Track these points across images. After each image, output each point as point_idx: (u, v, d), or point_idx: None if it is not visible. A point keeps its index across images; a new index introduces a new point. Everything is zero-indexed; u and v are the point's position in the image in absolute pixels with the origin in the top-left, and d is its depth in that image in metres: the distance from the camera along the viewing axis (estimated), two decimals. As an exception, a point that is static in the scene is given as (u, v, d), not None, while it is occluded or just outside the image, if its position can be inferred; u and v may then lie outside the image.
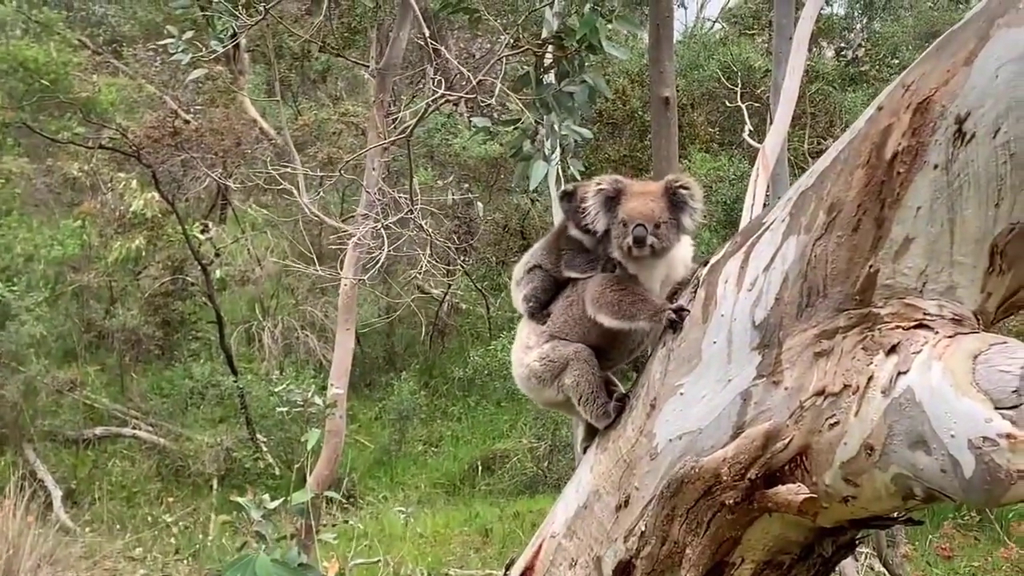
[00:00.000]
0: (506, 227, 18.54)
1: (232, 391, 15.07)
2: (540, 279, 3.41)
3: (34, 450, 14.21)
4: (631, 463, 2.71)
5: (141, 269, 16.95)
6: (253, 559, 3.29)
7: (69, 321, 16.29)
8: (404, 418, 15.49)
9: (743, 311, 2.52)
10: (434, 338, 18.87)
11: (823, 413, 2.36)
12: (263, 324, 17.09)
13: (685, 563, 2.60)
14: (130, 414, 15.88)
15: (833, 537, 2.58)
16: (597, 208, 3.12)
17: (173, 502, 13.80)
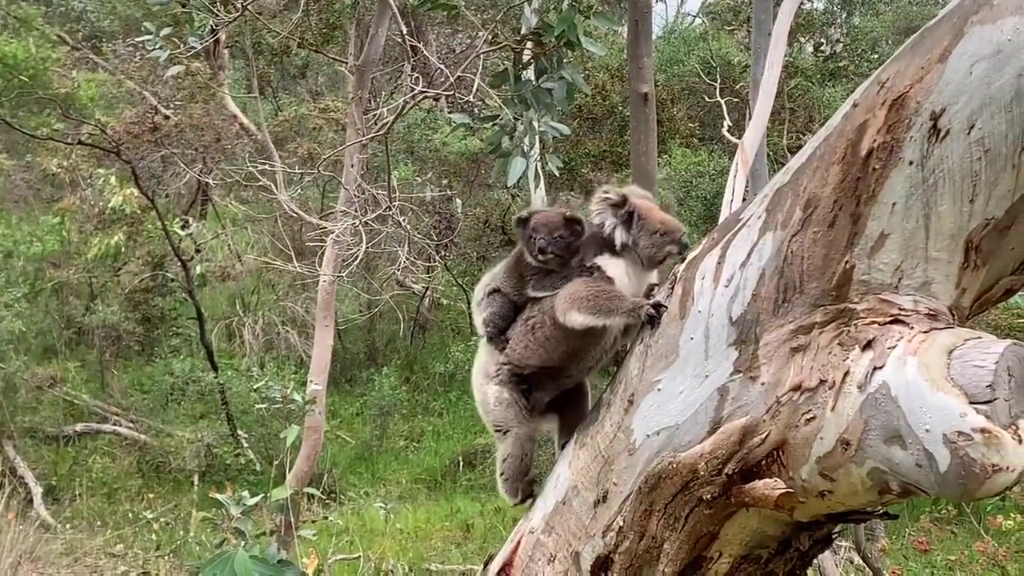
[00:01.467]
0: (487, 222, 18.54)
1: (213, 387, 15.05)
2: (499, 304, 3.38)
3: (14, 447, 14.17)
4: (609, 459, 2.72)
5: (121, 265, 16.90)
6: (232, 556, 3.29)
7: (49, 317, 16.25)
8: (385, 414, 15.49)
9: (720, 307, 2.53)
10: (415, 333, 18.87)
11: (799, 408, 2.37)
12: (244, 320, 17.08)
13: (663, 558, 2.61)
14: (110, 410, 15.85)
15: (810, 531, 2.59)
16: (615, 222, 3.14)
17: (154, 498, 13.78)
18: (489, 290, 3.42)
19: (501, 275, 3.42)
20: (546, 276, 3.29)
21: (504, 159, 4.46)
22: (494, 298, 3.39)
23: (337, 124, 16.77)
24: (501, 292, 3.39)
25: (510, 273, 3.40)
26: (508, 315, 3.36)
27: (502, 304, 3.37)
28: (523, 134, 4.34)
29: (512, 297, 3.37)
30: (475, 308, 3.50)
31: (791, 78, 16.78)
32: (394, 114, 6.38)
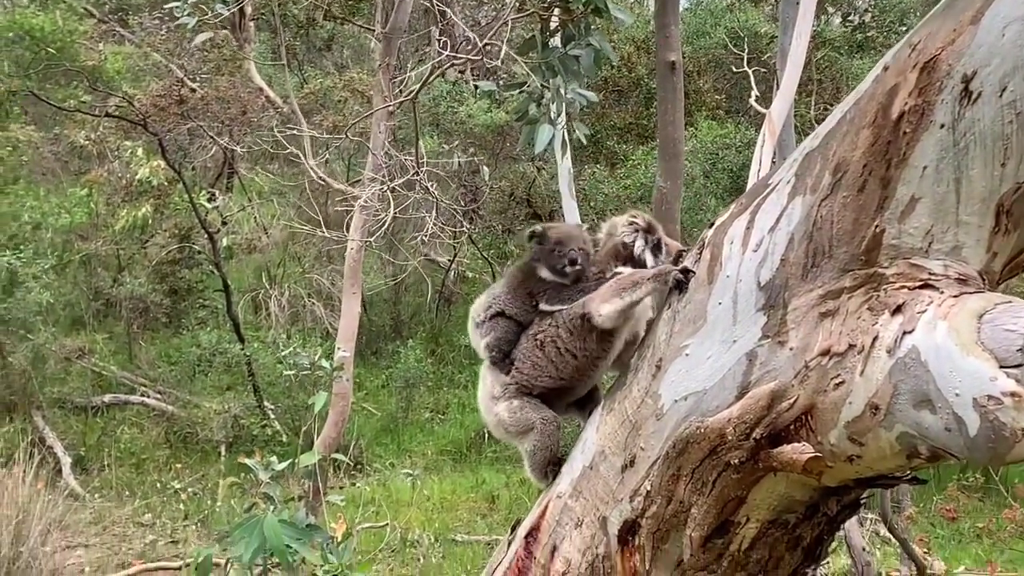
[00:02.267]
0: (512, 195, 18.51)
1: (239, 359, 15.10)
2: (503, 328, 3.40)
3: (43, 417, 14.27)
4: (637, 424, 2.72)
5: (148, 237, 16.95)
6: (261, 519, 3.31)
7: (77, 289, 16.33)
8: (411, 386, 15.51)
9: (748, 272, 2.52)
10: (440, 306, 18.88)
11: (828, 373, 2.37)
12: (270, 292, 17.11)
13: (690, 522, 2.62)
14: (138, 381, 15.93)
15: (838, 496, 2.59)
16: (644, 246, 3.25)
17: (181, 468, 13.86)
18: (492, 313, 3.42)
19: (504, 297, 3.42)
20: (560, 291, 3.32)
21: (531, 127, 4.45)
22: (498, 322, 3.40)
23: (362, 96, 16.75)
24: (506, 315, 3.40)
25: (515, 293, 3.41)
26: (513, 339, 3.38)
27: (507, 328, 3.39)
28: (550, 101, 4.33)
29: (519, 318, 3.39)
30: (473, 329, 3.50)
31: (819, 49, 16.68)
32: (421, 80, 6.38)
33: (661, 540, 2.68)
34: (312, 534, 3.37)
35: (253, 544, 3.25)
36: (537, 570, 2.94)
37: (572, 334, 3.23)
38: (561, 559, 2.88)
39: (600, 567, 2.80)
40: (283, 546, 3.24)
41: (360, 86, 16.87)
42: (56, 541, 9.75)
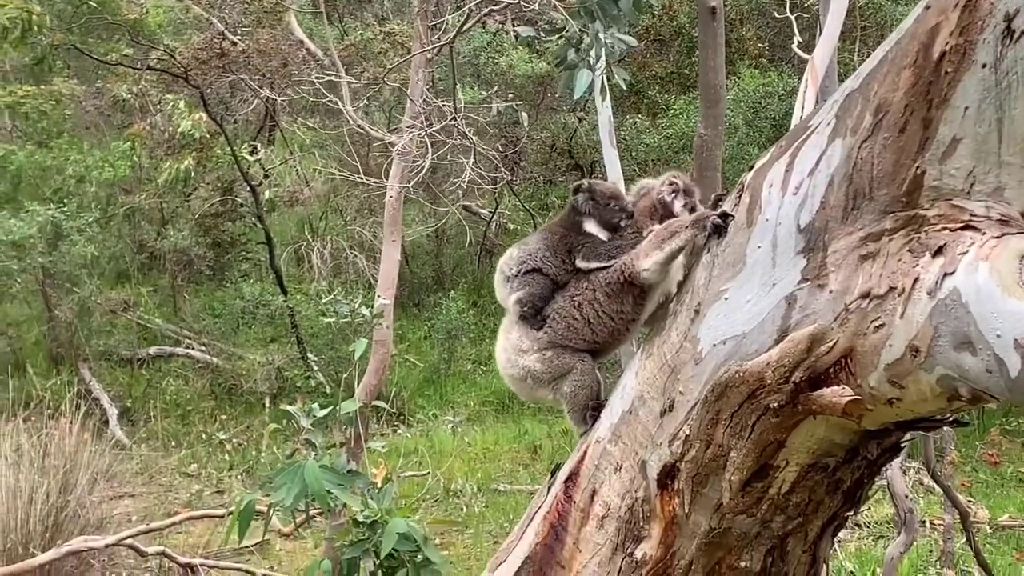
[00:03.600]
0: (553, 146, 18.45)
1: (282, 311, 15.19)
2: (540, 284, 3.39)
3: (89, 369, 14.43)
4: (675, 368, 2.72)
5: (191, 190, 17.04)
6: (302, 465, 3.35)
7: (121, 242, 16.45)
8: (453, 337, 15.56)
9: (788, 215, 2.51)
10: (482, 258, 18.89)
11: (868, 315, 2.36)
12: (312, 244, 17.17)
13: (729, 466, 2.62)
14: (183, 334, 16.06)
15: (878, 439, 2.59)
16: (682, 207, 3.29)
17: (226, 420, 14.00)
18: (527, 269, 3.41)
19: (541, 253, 3.42)
20: (597, 246, 3.33)
21: (570, 72, 4.43)
22: (533, 277, 3.40)
23: (402, 48, 16.70)
24: (542, 272, 3.39)
25: (555, 250, 3.40)
26: (548, 296, 3.38)
27: (543, 284, 3.38)
28: (589, 47, 4.30)
29: (555, 277, 3.38)
30: (501, 284, 3.50)
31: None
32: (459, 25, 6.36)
33: (700, 484, 2.69)
34: (353, 480, 3.41)
35: (295, 489, 3.28)
36: (576, 514, 2.95)
37: (609, 297, 3.24)
38: (600, 503, 2.90)
39: (639, 511, 2.81)
40: (324, 491, 3.28)
41: (400, 38, 16.83)
42: (103, 490, 9.87)
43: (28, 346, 15.14)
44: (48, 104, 14.72)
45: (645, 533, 2.82)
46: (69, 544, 7.88)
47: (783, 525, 2.70)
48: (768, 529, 2.70)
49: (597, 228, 3.37)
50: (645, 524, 2.81)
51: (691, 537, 2.75)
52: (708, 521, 2.71)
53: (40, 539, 8.15)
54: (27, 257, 13.26)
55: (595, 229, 3.37)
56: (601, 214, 3.37)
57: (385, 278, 6.33)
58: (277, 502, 3.35)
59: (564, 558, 2.96)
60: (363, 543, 3.46)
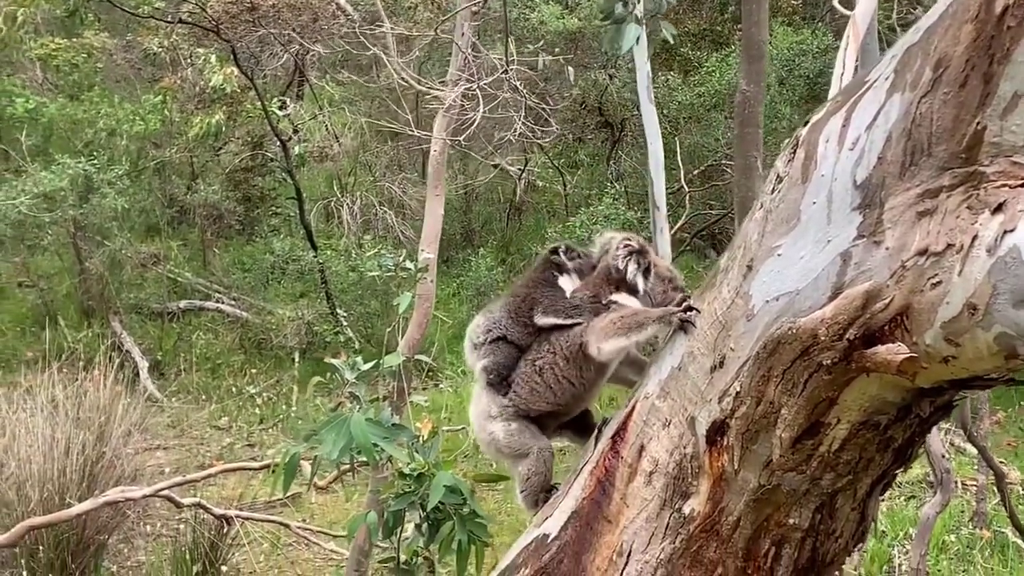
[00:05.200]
0: (583, 104, 18.37)
1: (312, 266, 15.23)
2: (504, 353, 3.47)
3: (120, 322, 14.52)
4: (726, 324, 2.71)
5: (221, 145, 17.05)
6: (347, 418, 3.36)
7: (151, 196, 16.50)
8: (482, 294, 15.56)
9: (844, 171, 2.49)
10: (511, 215, 18.88)
11: (925, 273, 2.34)
12: (341, 200, 17.18)
13: (780, 423, 2.61)
14: (213, 288, 16.13)
15: (932, 398, 2.57)
16: (636, 270, 3.40)
17: (256, 374, 14.09)
18: (493, 337, 3.50)
19: (504, 320, 3.50)
20: (555, 302, 3.43)
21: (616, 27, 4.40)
22: (498, 346, 3.48)
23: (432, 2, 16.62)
24: (507, 340, 3.48)
25: (517, 316, 3.49)
26: (512, 364, 3.45)
27: (507, 353, 3.47)
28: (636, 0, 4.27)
29: (519, 343, 3.46)
30: (470, 350, 3.59)
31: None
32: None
33: (750, 440, 2.68)
34: (398, 433, 3.42)
35: (341, 442, 3.30)
36: (624, 469, 2.95)
37: (569, 362, 3.36)
38: (648, 458, 2.89)
39: (688, 466, 2.81)
40: (370, 444, 3.29)
41: (432, -7, 16.74)
42: (137, 443, 9.96)
43: (59, 298, 15.24)
44: (79, 57, 14.75)
45: (693, 489, 2.81)
46: (106, 495, 7.96)
47: (833, 482, 2.69)
48: (817, 486, 2.69)
49: (570, 282, 3.50)
50: (693, 480, 2.81)
51: (740, 493, 2.74)
52: (757, 478, 2.70)
53: (76, 490, 8.23)
54: (58, 209, 13.32)
55: (567, 283, 3.50)
56: (581, 268, 3.54)
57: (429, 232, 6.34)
58: (322, 455, 3.37)
59: (611, 513, 2.96)
60: (409, 496, 3.48)
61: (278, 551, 9.52)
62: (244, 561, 9.23)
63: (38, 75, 16.61)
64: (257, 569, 9.24)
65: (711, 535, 2.81)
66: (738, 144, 7.01)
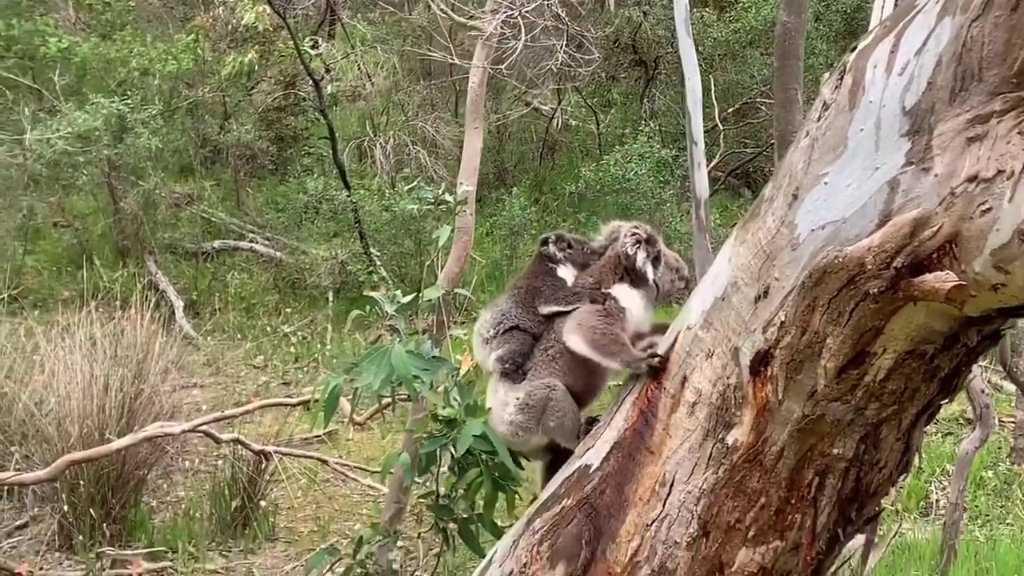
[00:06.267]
0: (616, 42, 18.25)
1: (345, 206, 15.24)
2: (519, 340, 3.48)
3: (155, 262, 14.59)
4: (771, 254, 2.68)
5: (254, 84, 17.04)
6: (388, 350, 3.36)
7: (184, 136, 16.51)
8: (515, 233, 15.56)
9: (893, 97, 2.45)
10: (544, 154, 18.81)
11: (974, 199, 2.31)
12: (374, 140, 17.15)
13: (825, 353, 2.59)
14: (246, 228, 16.18)
15: (979, 326, 2.54)
16: (646, 258, 3.44)
17: (290, 313, 14.15)
18: (506, 327, 3.50)
19: (514, 311, 3.52)
20: (555, 291, 3.47)
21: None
22: (512, 335, 3.49)
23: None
24: (520, 328, 3.49)
25: (525, 305, 3.51)
26: (527, 351, 3.47)
27: (522, 340, 3.48)
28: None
29: (532, 330, 3.48)
30: (480, 345, 3.57)
31: None
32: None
33: (794, 371, 2.66)
34: (438, 365, 3.42)
35: (381, 374, 3.30)
36: (667, 400, 2.95)
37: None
38: (691, 389, 2.88)
39: (731, 397, 2.80)
40: (410, 376, 3.29)
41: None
42: (174, 380, 10.03)
43: (94, 238, 15.32)
44: (112, -5, 14.73)
45: (736, 419, 2.80)
46: (145, 430, 8.02)
47: (877, 412, 2.68)
48: (862, 416, 2.68)
49: (569, 272, 3.54)
50: (736, 410, 2.80)
51: (783, 424, 2.73)
52: (801, 408, 2.69)
53: (115, 426, 8.30)
54: (93, 149, 13.34)
55: (567, 273, 3.53)
56: (575, 258, 3.56)
57: (467, 165, 6.32)
58: (364, 387, 3.37)
59: (654, 443, 2.96)
60: (441, 438, 3.49)
61: (315, 487, 9.60)
62: (282, 496, 9.31)
63: (71, 15, 16.60)
64: (295, 504, 9.33)
65: (754, 465, 2.80)
66: (778, 77, 6.94)
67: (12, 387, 8.92)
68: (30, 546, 8.31)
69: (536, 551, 3.10)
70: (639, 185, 14.89)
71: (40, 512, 8.57)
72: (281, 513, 9.12)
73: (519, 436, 3.46)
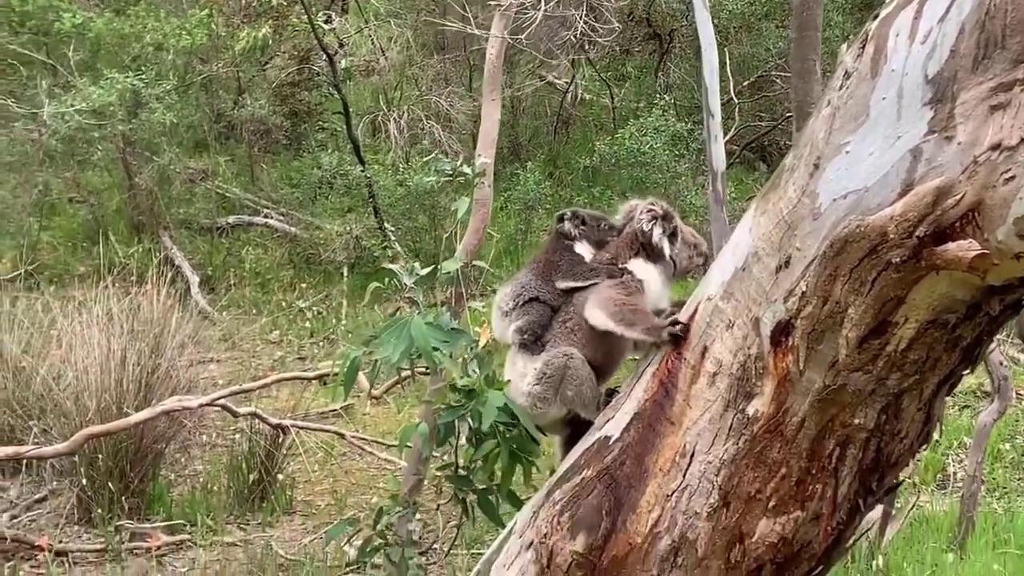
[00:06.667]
0: (631, 15, 18.16)
1: (360, 181, 15.23)
2: (538, 311, 3.50)
3: (170, 237, 14.61)
4: (792, 224, 2.67)
5: (267, 59, 17.02)
6: (407, 321, 3.36)
7: (199, 111, 16.49)
8: (530, 208, 15.54)
9: (915, 65, 2.44)
10: (558, 129, 18.77)
11: (998, 168, 2.30)
12: (388, 115, 17.13)
13: (847, 322, 2.59)
14: (261, 203, 16.18)
15: (1001, 295, 2.54)
16: (662, 234, 3.47)
17: (305, 288, 14.18)
18: (526, 299, 3.52)
19: (533, 283, 3.55)
20: (573, 267, 3.50)
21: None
22: (532, 306, 3.51)
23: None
24: (540, 300, 3.51)
25: (544, 278, 3.54)
26: (546, 323, 3.49)
27: (541, 311, 3.50)
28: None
29: (552, 303, 3.50)
30: (499, 319, 3.58)
31: None
32: None
33: (815, 341, 2.66)
34: (458, 337, 3.42)
35: (401, 346, 3.30)
36: (687, 371, 2.94)
37: None
38: (712, 360, 2.88)
39: (751, 368, 2.80)
40: (430, 347, 3.30)
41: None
42: (190, 355, 10.06)
43: (109, 214, 15.35)
44: (125, -31, 14.72)
45: (757, 390, 2.80)
46: (163, 404, 8.07)
47: (899, 382, 2.67)
48: (883, 386, 2.68)
49: (587, 248, 3.56)
50: (757, 381, 2.80)
51: (804, 394, 2.73)
52: (822, 378, 2.69)
53: (133, 400, 8.34)
54: (107, 125, 13.34)
55: (584, 250, 3.55)
56: (593, 235, 3.57)
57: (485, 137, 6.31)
58: (383, 358, 3.38)
59: (674, 414, 2.96)
60: (459, 409, 3.49)
61: (332, 460, 9.64)
62: (299, 470, 9.36)
63: (85, -10, 16.59)
64: (312, 478, 9.37)
65: (775, 436, 2.80)
66: (796, 48, 6.92)
67: (30, 362, 8.96)
68: (49, 519, 8.37)
69: (556, 522, 3.11)
70: (654, 159, 14.86)
71: (59, 486, 8.63)
72: (298, 487, 9.17)
73: (538, 407, 3.45)
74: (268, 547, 8.03)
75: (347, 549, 7.86)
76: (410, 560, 3.77)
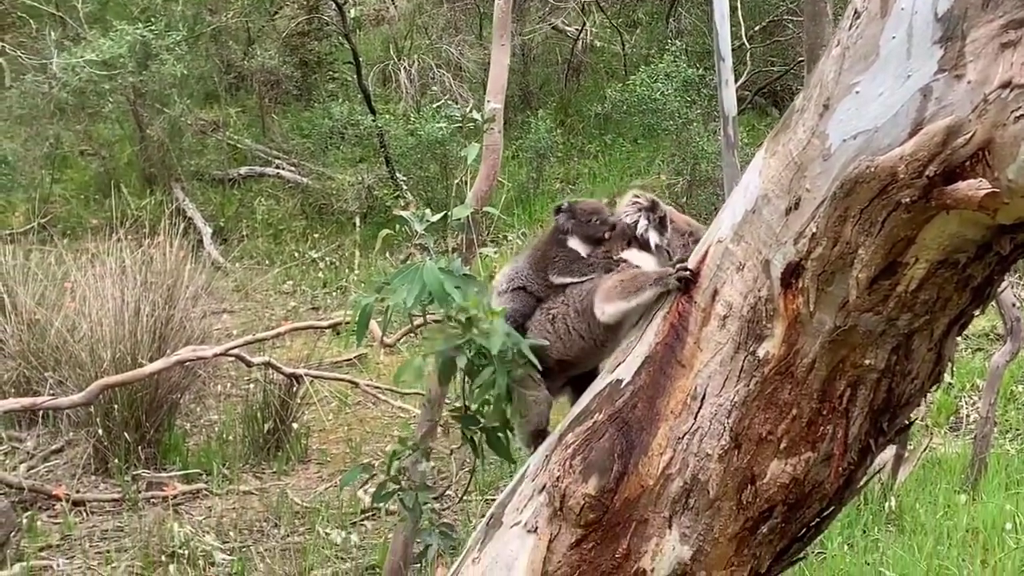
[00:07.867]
0: (642, -40, 18.07)
1: (371, 130, 15.22)
2: (522, 301, 3.52)
3: (182, 189, 14.65)
4: (802, 165, 2.67)
5: (277, 9, 16.97)
6: (420, 267, 3.36)
7: (209, 62, 16.48)
8: (541, 156, 15.52)
9: (925, 3, 2.42)
10: (569, 76, 18.70)
11: (1008, 106, 2.28)
12: (398, 64, 17.09)
13: (857, 263, 2.58)
14: (272, 154, 16.19)
15: (1012, 234, 2.53)
16: (647, 224, 3.45)
17: (318, 238, 14.21)
18: (513, 286, 3.56)
19: (525, 271, 3.56)
20: (570, 263, 3.49)
21: None
22: (518, 294, 3.54)
23: None
24: (527, 290, 3.53)
25: (536, 267, 3.54)
26: (529, 312, 3.51)
27: (525, 301, 3.52)
28: None
29: (539, 294, 3.52)
30: (496, 300, 3.58)
31: None
32: None
33: (826, 282, 2.66)
34: (469, 282, 3.41)
35: (414, 291, 3.30)
36: (697, 314, 2.95)
37: (580, 315, 3.40)
38: (722, 303, 2.88)
39: (762, 309, 2.79)
40: (443, 291, 3.29)
41: None
42: (204, 306, 10.11)
43: (121, 166, 15.40)
44: (135, -78, 14.66)
45: (768, 332, 2.80)
46: (178, 354, 8.10)
47: (909, 323, 2.67)
48: (894, 327, 2.67)
49: (580, 244, 3.52)
50: (768, 323, 2.79)
51: (815, 335, 2.73)
52: (833, 319, 2.69)
53: (148, 350, 8.39)
54: (118, 76, 13.34)
55: (578, 245, 3.52)
56: (583, 230, 3.52)
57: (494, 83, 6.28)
58: (396, 304, 3.37)
59: (685, 357, 2.96)
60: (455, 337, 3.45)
61: (347, 409, 9.70)
62: (314, 419, 9.41)
63: (92, -59, 16.53)
64: (327, 426, 9.43)
65: (786, 377, 2.81)
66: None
67: (44, 314, 9.01)
68: (66, 470, 8.44)
69: (568, 465, 3.12)
70: (665, 105, 14.80)
71: (75, 436, 8.69)
72: (313, 435, 9.23)
73: None
74: (284, 495, 8.10)
75: (361, 495, 7.93)
76: (424, 505, 3.78)
